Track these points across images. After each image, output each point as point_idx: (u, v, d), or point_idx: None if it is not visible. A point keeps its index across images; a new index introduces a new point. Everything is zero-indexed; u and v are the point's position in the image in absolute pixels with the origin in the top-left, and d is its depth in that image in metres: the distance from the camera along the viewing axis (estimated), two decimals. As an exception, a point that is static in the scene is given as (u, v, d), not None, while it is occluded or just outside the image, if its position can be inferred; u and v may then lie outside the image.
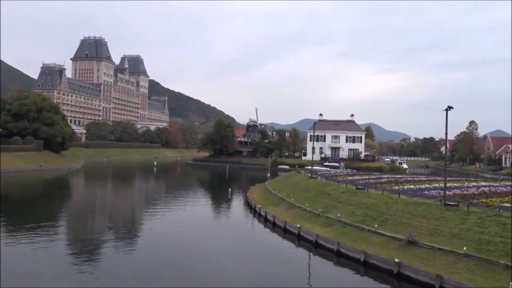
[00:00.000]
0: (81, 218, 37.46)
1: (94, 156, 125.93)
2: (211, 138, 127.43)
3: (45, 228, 30.59)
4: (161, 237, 28.85)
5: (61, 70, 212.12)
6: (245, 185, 66.99)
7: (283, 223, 31.26)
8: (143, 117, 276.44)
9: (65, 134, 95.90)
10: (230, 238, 29.84)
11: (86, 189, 63.99)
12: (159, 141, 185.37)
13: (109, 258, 23.58)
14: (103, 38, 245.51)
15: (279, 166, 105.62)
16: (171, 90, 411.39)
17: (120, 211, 42.38)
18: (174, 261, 23.10)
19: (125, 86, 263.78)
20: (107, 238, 28.96)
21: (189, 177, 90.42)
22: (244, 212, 41.35)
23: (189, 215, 38.17)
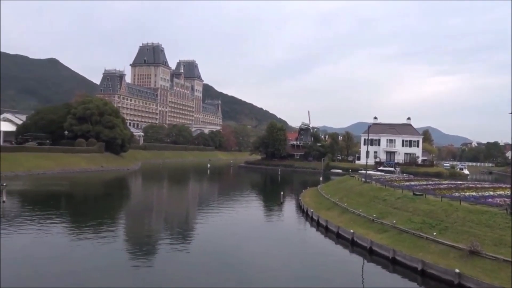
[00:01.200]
0: (138, 217, 38.98)
1: (151, 158, 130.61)
2: (263, 141, 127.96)
3: (105, 225, 32.16)
4: (213, 238, 29.32)
5: (121, 76, 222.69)
6: (297, 188, 66.62)
7: (336, 228, 30.74)
8: (198, 120, 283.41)
9: (125, 136, 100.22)
10: (282, 241, 29.75)
11: (144, 189, 66.50)
12: (213, 144, 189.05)
13: (163, 257, 24.30)
14: (160, 44, 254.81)
15: (332, 170, 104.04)
16: (224, 94, 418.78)
17: (175, 211, 43.62)
18: (226, 262, 23.38)
19: (180, 90, 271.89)
20: (163, 237, 29.91)
21: (241, 179, 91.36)
22: (296, 215, 41.11)
23: (241, 217, 38.53)
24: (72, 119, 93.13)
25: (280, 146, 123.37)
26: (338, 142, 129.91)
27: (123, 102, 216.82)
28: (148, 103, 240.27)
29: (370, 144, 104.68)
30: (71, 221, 34.36)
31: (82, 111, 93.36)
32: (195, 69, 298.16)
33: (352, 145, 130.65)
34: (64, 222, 33.53)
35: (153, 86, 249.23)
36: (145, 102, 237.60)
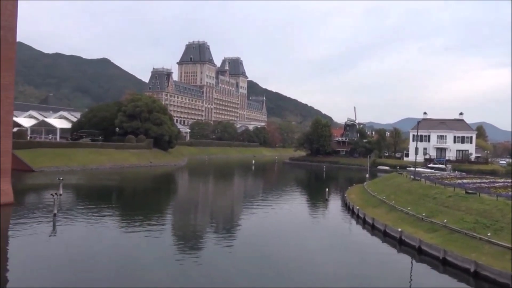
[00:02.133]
0: (185, 211, 39.92)
1: (197, 154, 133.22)
2: (308, 137, 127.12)
3: (153, 219, 33.20)
4: (258, 233, 29.50)
5: (168, 74, 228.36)
6: (342, 185, 65.65)
7: (383, 226, 30.01)
8: (242, 117, 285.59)
9: (172, 133, 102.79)
10: (327, 238, 29.45)
11: (190, 184, 68.00)
12: (257, 140, 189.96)
13: (208, 251, 24.72)
14: (205, 42, 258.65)
15: (379, 167, 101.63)
16: (269, 90, 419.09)
17: (220, 206, 44.29)
18: (270, 258, 23.45)
19: (225, 87, 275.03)
20: (208, 231, 30.46)
21: (286, 176, 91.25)
22: (341, 213, 40.54)
23: (285, 213, 38.50)
24: (122, 116, 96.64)
25: (325, 142, 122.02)
26: (386, 139, 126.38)
27: (170, 100, 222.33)
28: (194, 100, 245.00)
29: (420, 141, 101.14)
30: (121, 214, 35.76)
31: (132, 108, 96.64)
32: (240, 66, 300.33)
33: (400, 142, 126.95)
34: (115, 214, 34.96)
35: (199, 83, 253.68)
36: (191, 99, 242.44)
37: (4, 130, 34.05)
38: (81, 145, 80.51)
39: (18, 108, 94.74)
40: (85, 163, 72.39)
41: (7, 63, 33.73)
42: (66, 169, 66.19)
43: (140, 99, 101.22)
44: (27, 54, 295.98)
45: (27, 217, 30.90)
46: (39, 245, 24.02)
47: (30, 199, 41.04)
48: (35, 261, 21.09)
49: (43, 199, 39.32)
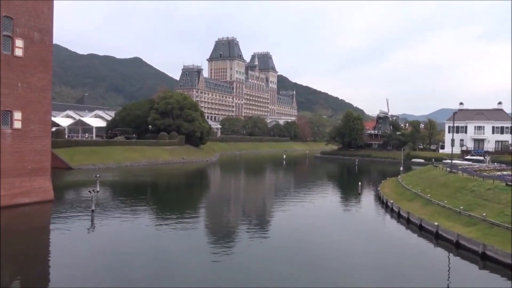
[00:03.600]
0: (217, 206, 40.35)
1: (228, 149, 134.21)
2: (339, 131, 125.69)
3: (187, 214, 33.74)
4: (290, 228, 29.44)
5: (199, 71, 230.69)
6: (375, 179, 64.59)
7: (419, 220, 29.35)
8: (273, 112, 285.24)
9: (203, 129, 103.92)
10: (360, 233, 29.07)
11: (222, 180, 68.64)
12: (288, 135, 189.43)
13: (241, 246, 24.90)
14: (235, 38, 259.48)
15: (413, 160, 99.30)
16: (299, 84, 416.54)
17: (252, 201, 44.50)
18: (303, 253, 23.38)
19: (255, 83, 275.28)
20: (241, 226, 30.68)
21: (317, 170, 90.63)
22: (375, 207, 39.91)
23: (318, 208, 38.26)
24: (155, 114, 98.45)
25: (357, 136, 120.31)
26: (420, 131, 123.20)
27: (201, 96, 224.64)
28: (224, 96, 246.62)
29: (456, 132, 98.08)
30: (156, 209, 36.53)
31: (163, 106, 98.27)
32: (269, 61, 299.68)
33: (435, 133, 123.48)
34: (149, 210, 35.75)
35: (229, 79, 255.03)
36: (221, 95, 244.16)
37: (43, 130, 35.38)
38: (116, 143, 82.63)
39: (56, 108, 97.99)
40: (120, 160, 74.29)
41: (44, 65, 34.97)
42: (102, 167, 68.15)
43: (172, 96, 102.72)
44: (63, 55, 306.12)
45: (66, 213, 32.08)
46: (78, 240, 24.89)
47: (69, 196, 42.54)
48: (75, 255, 21.87)
49: (81, 196, 40.68)
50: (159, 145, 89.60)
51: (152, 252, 22.77)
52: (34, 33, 33.90)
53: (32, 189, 34.13)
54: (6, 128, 32.24)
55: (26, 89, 33.44)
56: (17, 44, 32.63)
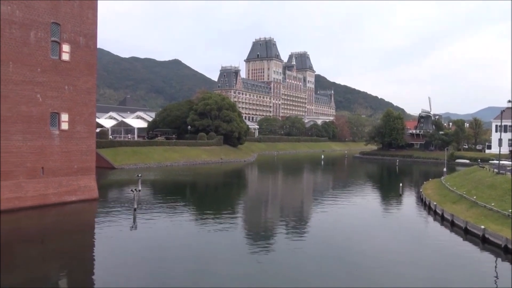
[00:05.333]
0: (255, 206, 40.50)
1: (266, 149, 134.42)
2: (379, 130, 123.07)
3: (225, 213, 34.08)
4: (329, 228, 29.14)
5: (236, 72, 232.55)
6: (417, 180, 62.79)
7: (464, 223, 28.27)
8: (310, 112, 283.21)
9: (241, 129, 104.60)
10: (401, 235, 28.34)
11: (260, 180, 68.83)
12: (326, 135, 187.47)
13: (280, 246, 24.87)
14: (272, 39, 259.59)
15: (457, 160, 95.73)
16: (337, 84, 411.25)
17: (290, 201, 44.36)
18: (341, 254, 23.07)
19: (293, 83, 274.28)
20: (279, 226, 30.64)
21: (356, 170, 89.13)
22: (416, 208, 38.80)
23: (357, 209, 37.64)
24: (194, 115, 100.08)
25: (398, 136, 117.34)
26: (464, 130, 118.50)
27: (239, 97, 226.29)
28: (262, 96, 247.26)
29: (504, 131, 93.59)
30: (195, 208, 37.15)
31: (202, 106, 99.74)
32: (307, 61, 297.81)
33: (481, 133, 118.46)
34: (189, 209, 36.40)
35: (266, 79, 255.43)
36: (259, 96, 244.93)
37: (88, 131, 36.79)
38: (157, 143, 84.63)
39: (99, 110, 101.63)
40: (160, 160, 76.06)
41: (89, 68, 36.36)
42: (144, 166, 70.02)
43: (210, 97, 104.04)
44: (106, 59, 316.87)
45: (110, 211, 33.22)
46: (121, 237, 25.72)
47: (113, 194, 43.98)
48: (118, 252, 22.60)
49: (124, 194, 41.99)
50: (198, 145, 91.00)
51: (192, 249, 23.17)
52: (80, 38, 35.31)
53: (78, 187, 35.57)
54: (54, 130, 33.77)
55: (72, 92, 34.89)
56: (64, 49, 34.12)
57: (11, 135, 30.93)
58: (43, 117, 32.95)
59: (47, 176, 33.29)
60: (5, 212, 29.80)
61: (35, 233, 26.85)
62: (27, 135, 31.89)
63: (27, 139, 31.90)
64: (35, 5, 31.93)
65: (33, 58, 32.05)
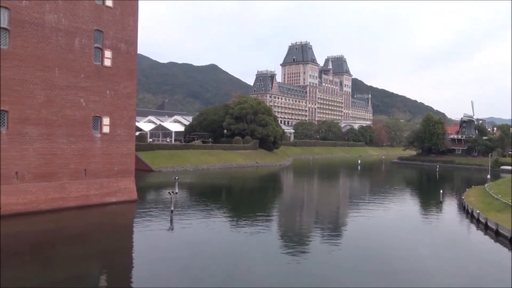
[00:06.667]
0: (290, 210, 40.34)
1: (301, 154, 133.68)
2: (418, 135, 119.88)
3: (260, 217, 34.11)
4: (365, 235, 28.58)
5: (272, 76, 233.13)
6: (459, 187, 60.65)
7: (510, 233, 27.00)
8: (347, 116, 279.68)
9: (277, 133, 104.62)
10: (441, 244, 27.38)
11: (295, 184, 68.50)
12: (363, 139, 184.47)
13: (314, 251, 24.62)
14: (308, 42, 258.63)
15: (502, 167, 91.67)
16: (374, 87, 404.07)
17: (326, 206, 43.87)
18: (378, 262, 22.56)
19: (329, 87, 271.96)
20: (314, 231, 30.36)
21: (394, 176, 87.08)
22: (458, 216, 37.43)
23: (395, 215, 36.75)
24: (230, 119, 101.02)
25: (438, 141, 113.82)
26: (510, 135, 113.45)
27: (274, 101, 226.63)
28: (297, 100, 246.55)
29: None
30: (230, 211, 37.41)
31: (238, 111, 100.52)
32: (343, 64, 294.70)
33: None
34: (225, 212, 36.69)
35: (302, 83, 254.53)
36: (295, 100, 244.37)
37: (128, 134, 37.88)
38: (193, 147, 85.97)
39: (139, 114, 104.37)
40: (197, 163, 77.20)
41: (130, 73, 37.48)
42: (181, 169, 71.26)
43: (246, 101, 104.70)
44: (145, 64, 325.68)
45: (148, 213, 34.03)
46: (158, 239, 26.26)
47: (151, 196, 45.01)
48: (155, 252, 23.09)
49: (161, 197, 42.88)
50: (234, 149, 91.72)
51: (227, 252, 23.35)
52: (121, 44, 36.48)
53: (118, 189, 36.64)
54: (96, 133, 35.00)
55: (113, 96, 36.06)
56: (106, 55, 35.35)
57: (56, 137, 32.31)
58: (86, 120, 34.22)
59: (89, 177, 34.51)
60: (50, 212, 31.13)
61: (78, 232, 27.86)
62: (71, 138, 33.21)
63: (71, 142, 33.21)
64: (79, 13, 33.30)
65: (77, 64, 33.39)
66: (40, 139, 31.30)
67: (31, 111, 30.72)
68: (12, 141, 29.77)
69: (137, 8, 38.04)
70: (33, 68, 30.69)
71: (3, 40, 29.22)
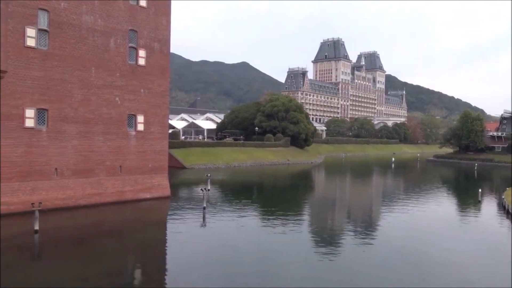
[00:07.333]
0: (322, 209, 40.02)
1: (333, 151, 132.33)
2: (455, 132, 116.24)
3: (291, 215, 34.03)
4: (399, 235, 27.99)
5: (303, 73, 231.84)
6: (498, 186, 58.43)
7: (553, 234, 25.79)
8: (380, 113, 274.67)
9: (308, 131, 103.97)
10: (478, 245, 26.42)
11: (327, 182, 67.90)
12: (397, 137, 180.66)
13: (347, 251, 24.28)
14: (340, 39, 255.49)
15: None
16: (409, 84, 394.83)
17: (358, 205, 43.26)
18: (412, 261, 22.05)
19: (361, 83, 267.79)
20: (346, 230, 30.00)
21: (430, 174, 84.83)
22: (498, 217, 36.04)
23: (430, 215, 35.78)
24: (261, 116, 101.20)
25: (476, 138, 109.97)
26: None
27: (306, 98, 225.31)
28: (329, 97, 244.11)
29: None
30: (262, 208, 37.50)
31: (269, 108, 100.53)
32: (376, 60, 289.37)
33: None
34: (256, 209, 36.81)
35: (334, 80, 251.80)
36: (326, 97, 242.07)
37: (162, 132, 38.59)
38: (225, 144, 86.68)
39: (172, 112, 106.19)
40: (228, 160, 77.79)
41: (163, 72, 38.15)
42: (213, 166, 72.01)
43: (277, 99, 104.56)
44: (177, 63, 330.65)
45: (181, 209, 34.60)
46: (191, 235, 26.65)
47: (183, 193, 45.72)
48: (189, 248, 23.45)
49: (193, 193, 43.49)
50: (265, 146, 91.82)
51: (258, 248, 23.44)
52: (155, 43, 37.16)
53: (152, 185, 37.42)
54: (131, 130, 35.84)
55: (147, 94, 36.81)
56: (140, 54, 36.10)
57: (93, 135, 33.31)
58: (121, 118, 35.09)
59: (124, 174, 35.41)
60: (88, 207, 32.18)
61: (114, 227, 28.67)
62: (107, 136, 34.16)
63: (107, 139, 34.16)
64: (114, 14, 34.14)
65: (112, 63, 34.27)
66: (78, 136, 32.37)
67: (69, 110, 31.80)
68: (52, 139, 30.93)
69: (170, 7, 38.62)
70: (71, 68, 31.74)
71: (43, 41, 30.34)
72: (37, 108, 30.07)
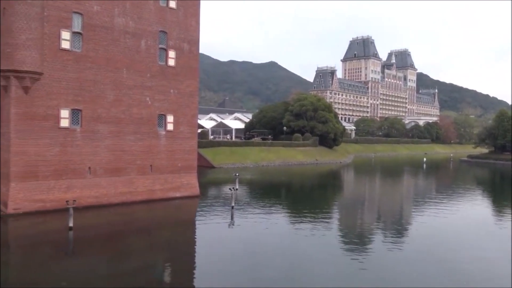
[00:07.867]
0: (351, 209, 39.55)
1: (363, 151, 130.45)
2: (490, 132, 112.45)
3: (320, 215, 33.79)
4: (431, 238, 27.27)
5: (332, 72, 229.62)
6: (537, 187, 56.11)
7: None
8: (411, 112, 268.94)
9: (337, 130, 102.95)
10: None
11: (356, 182, 67.03)
12: (429, 136, 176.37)
13: (376, 251, 23.91)
14: (370, 37, 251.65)
15: None
16: (441, 82, 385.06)
17: (388, 206, 42.50)
18: (444, 263, 21.48)
19: (392, 82, 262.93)
20: (375, 231, 29.54)
21: (463, 175, 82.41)
22: (536, 219, 34.62)
23: (463, 217, 34.78)
24: (289, 116, 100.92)
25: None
26: None
27: (334, 97, 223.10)
28: (359, 96, 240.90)
29: None
30: (290, 208, 37.42)
31: (298, 108, 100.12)
32: (407, 58, 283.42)
33: None
34: (284, 209, 36.77)
35: (364, 79, 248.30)
36: (356, 96, 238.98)
37: (191, 132, 39.08)
38: (253, 144, 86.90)
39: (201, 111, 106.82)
40: (256, 160, 77.97)
41: (192, 72, 38.60)
42: (241, 166, 72.34)
43: (306, 98, 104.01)
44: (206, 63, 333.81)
45: (210, 208, 34.94)
46: (220, 234, 26.88)
47: (212, 192, 46.14)
48: (217, 247, 23.66)
49: (222, 193, 43.84)
50: (293, 146, 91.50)
51: (286, 248, 23.39)
52: (184, 44, 37.64)
53: (181, 184, 37.94)
54: (161, 130, 36.45)
55: (177, 95, 37.34)
56: (170, 55, 36.66)
57: (125, 135, 34.07)
58: (152, 118, 35.74)
59: (154, 173, 36.05)
60: (119, 205, 32.94)
61: (145, 225, 29.25)
62: (138, 135, 34.86)
63: (137, 139, 34.87)
64: (145, 16, 34.79)
65: (143, 64, 34.94)
66: (110, 136, 33.18)
67: (102, 110, 32.63)
68: (86, 138, 31.83)
69: (199, 8, 39.02)
70: (104, 70, 32.56)
71: (77, 43, 31.26)
72: (71, 108, 31.01)
